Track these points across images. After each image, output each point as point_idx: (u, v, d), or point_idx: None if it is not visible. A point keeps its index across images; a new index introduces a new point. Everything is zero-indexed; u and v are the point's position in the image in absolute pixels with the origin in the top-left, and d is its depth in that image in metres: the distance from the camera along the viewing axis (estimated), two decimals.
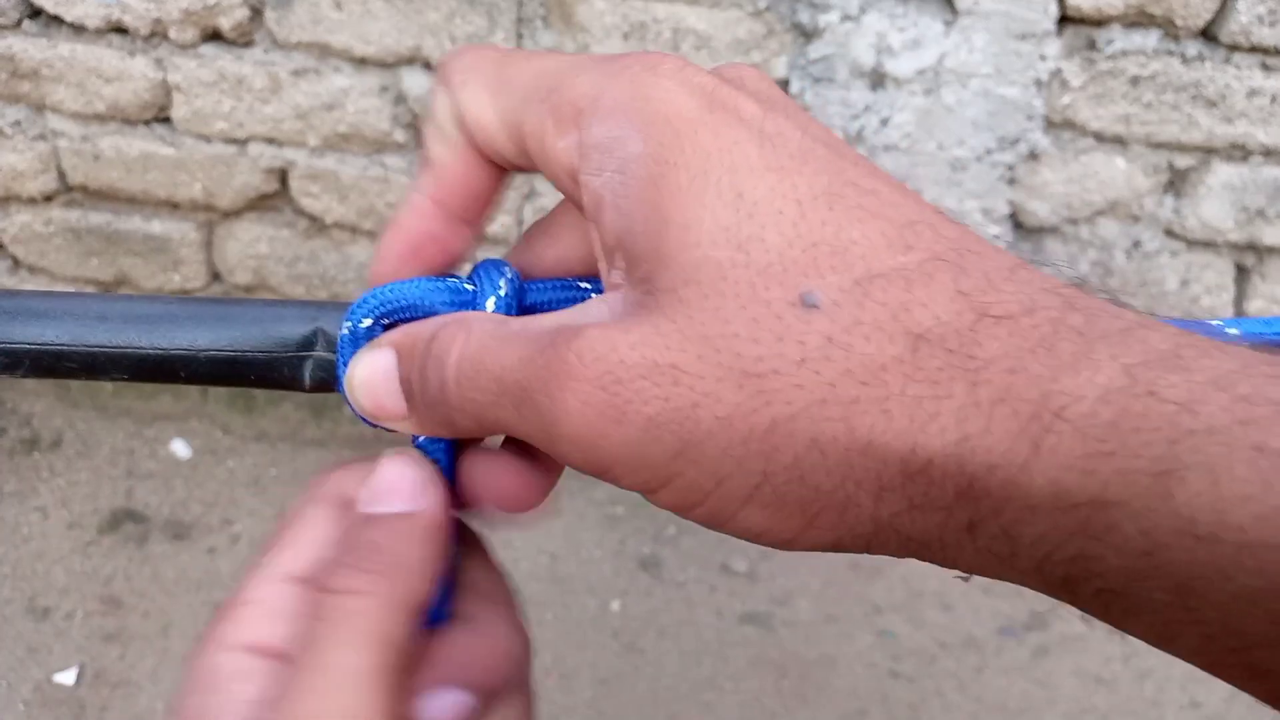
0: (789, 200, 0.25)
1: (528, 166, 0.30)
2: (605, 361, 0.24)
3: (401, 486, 0.29)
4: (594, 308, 0.27)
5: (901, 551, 0.25)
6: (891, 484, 0.24)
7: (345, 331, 0.31)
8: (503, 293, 0.31)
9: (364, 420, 0.31)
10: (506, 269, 0.31)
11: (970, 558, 0.24)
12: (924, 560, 0.25)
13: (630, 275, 0.26)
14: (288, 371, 0.31)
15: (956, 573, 0.25)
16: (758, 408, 0.24)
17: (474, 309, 0.31)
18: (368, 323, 0.31)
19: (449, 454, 0.32)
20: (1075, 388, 0.22)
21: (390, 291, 0.31)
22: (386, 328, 0.31)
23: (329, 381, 0.31)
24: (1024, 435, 0.22)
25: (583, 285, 0.32)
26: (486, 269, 0.31)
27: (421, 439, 0.32)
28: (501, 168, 0.31)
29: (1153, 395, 0.21)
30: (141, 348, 0.31)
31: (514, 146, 0.29)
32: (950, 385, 0.23)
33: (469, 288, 0.31)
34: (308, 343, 0.31)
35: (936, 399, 0.23)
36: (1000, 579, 0.25)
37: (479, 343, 0.27)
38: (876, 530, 0.24)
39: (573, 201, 0.30)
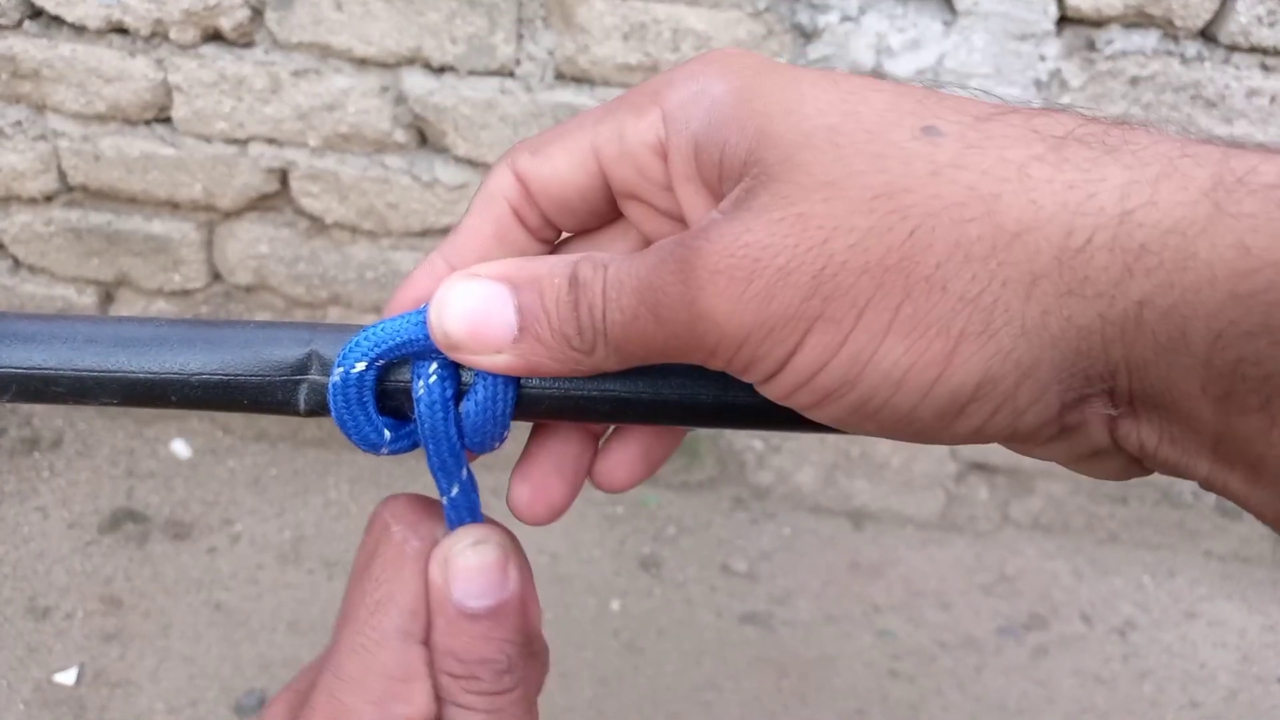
0: (883, 87, 0.25)
1: (584, 212, 0.31)
2: (732, 237, 0.24)
3: (494, 580, 0.31)
4: (710, 218, 0.27)
5: (1060, 368, 0.23)
6: (1045, 271, 0.22)
7: (337, 379, 0.30)
8: None
9: (364, 447, 0.31)
10: None
11: (1134, 349, 0.22)
12: (1081, 388, 0.23)
13: (739, 182, 0.26)
14: (282, 395, 0.30)
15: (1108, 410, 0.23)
16: (893, 225, 0.23)
17: None
18: (361, 366, 0.29)
19: (470, 483, 0.32)
20: (1252, 162, 0.22)
21: (383, 331, 0.30)
22: (381, 370, 0.30)
23: (325, 406, 0.30)
24: (1203, 201, 0.21)
25: None
26: None
27: (446, 484, 0.32)
28: (532, 241, 0.32)
29: None
30: (131, 372, 0.30)
31: (584, 178, 0.30)
32: (1103, 170, 0.22)
33: None
34: (302, 366, 0.30)
35: (1089, 183, 0.22)
36: (1164, 387, 0.22)
37: (616, 265, 0.27)
38: (1028, 340, 0.23)
39: (642, 199, 0.30)
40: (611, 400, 0.30)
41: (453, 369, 0.30)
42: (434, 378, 0.30)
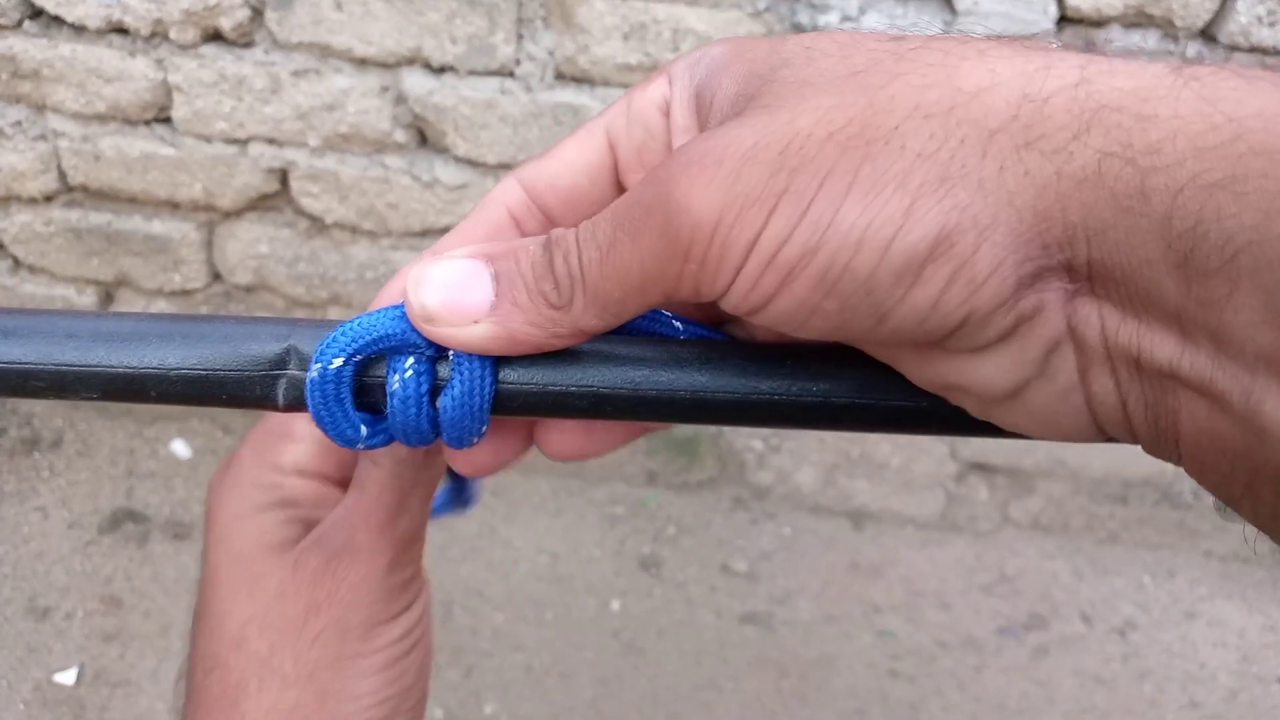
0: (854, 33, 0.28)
1: (593, 198, 0.33)
2: (705, 136, 0.26)
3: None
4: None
5: (1018, 233, 0.23)
6: (1002, 125, 0.23)
7: (315, 374, 0.30)
8: None
9: (340, 442, 0.31)
10: None
11: (1092, 210, 0.22)
12: (1038, 258, 0.23)
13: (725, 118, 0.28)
14: (260, 390, 0.30)
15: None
16: (854, 99, 0.24)
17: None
18: (339, 362, 0.29)
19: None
20: (1213, 64, 0.22)
21: (360, 325, 0.30)
22: (359, 365, 0.30)
23: (303, 401, 0.30)
24: (1164, 74, 0.22)
25: None
26: None
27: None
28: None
29: None
30: (111, 366, 0.30)
31: (595, 156, 0.32)
32: (1061, 54, 0.23)
33: None
34: (281, 361, 0.30)
35: (1048, 60, 0.23)
36: (1124, 255, 0.22)
37: (589, 220, 0.28)
38: (984, 197, 0.23)
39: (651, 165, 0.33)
40: (590, 395, 0.30)
41: (429, 364, 0.30)
42: (409, 372, 0.30)
